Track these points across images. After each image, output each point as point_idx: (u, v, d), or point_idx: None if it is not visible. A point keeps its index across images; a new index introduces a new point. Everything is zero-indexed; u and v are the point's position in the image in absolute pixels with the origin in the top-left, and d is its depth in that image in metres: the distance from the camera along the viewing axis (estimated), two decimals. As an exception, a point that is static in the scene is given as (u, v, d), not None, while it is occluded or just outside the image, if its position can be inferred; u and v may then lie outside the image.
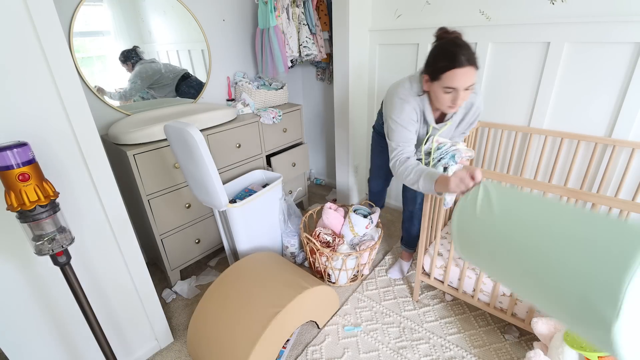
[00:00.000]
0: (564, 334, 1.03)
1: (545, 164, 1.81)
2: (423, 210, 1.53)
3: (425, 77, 1.24)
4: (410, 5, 1.99)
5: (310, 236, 1.82)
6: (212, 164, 1.42)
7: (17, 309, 1.10)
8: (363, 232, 1.88)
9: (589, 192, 1.10)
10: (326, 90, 2.72)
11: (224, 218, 1.73)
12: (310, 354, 1.50)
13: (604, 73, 1.52)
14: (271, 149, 2.23)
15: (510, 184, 1.17)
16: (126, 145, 1.60)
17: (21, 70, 0.96)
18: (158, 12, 1.88)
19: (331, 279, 1.90)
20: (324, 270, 1.87)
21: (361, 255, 1.79)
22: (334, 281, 1.89)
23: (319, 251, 1.80)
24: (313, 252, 1.86)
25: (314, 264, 1.93)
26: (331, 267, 1.82)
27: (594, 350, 0.93)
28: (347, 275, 1.85)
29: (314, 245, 1.79)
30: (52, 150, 1.06)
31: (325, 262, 1.82)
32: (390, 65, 2.21)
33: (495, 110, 1.88)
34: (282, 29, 2.12)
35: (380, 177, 1.91)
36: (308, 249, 1.89)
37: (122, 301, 1.38)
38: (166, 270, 1.85)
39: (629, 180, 1.60)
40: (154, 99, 1.97)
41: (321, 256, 1.81)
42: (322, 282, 1.52)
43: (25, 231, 0.91)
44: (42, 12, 0.95)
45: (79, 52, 1.63)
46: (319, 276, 1.94)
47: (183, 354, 1.53)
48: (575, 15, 1.50)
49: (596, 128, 1.61)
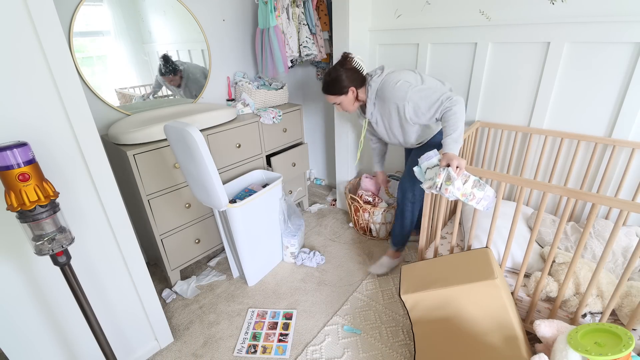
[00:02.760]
0: (567, 336, 1.02)
1: (545, 164, 1.81)
2: (423, 211, 1.53)
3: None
4: (410, 5, 1.99)
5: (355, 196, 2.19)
6: (212, 164, 1.42)
7: (17, 309, 1.10)
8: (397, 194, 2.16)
9: (589, 192, 1.10)
10: (326, 90, 2.72)
11: (224, 218, 1.73)
12: (310, 354, 1.50)
13: (604, 73, 1.52)
14: (271, 149, 2.23)
15: (510, 184, 1.17)
16: (126, 145, 1.60)
17: (21, 70, 0.96)
18: (158, 12, 1.88)
19: (372, 233, 2.24)
20: (366, 226, 2.22)
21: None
22: (374, 235, 2.23)
23: (362, 208, 2.13)
24: (357, 210, 2.19)
25: (357, 221, 2.27)
26: (373, 222, 2.15)
27: (599, 354, 0.92)
28: (386, 228, 2.20)
29: (357, 204, 2.14)
30: (52, 150, 1.06)
31: (367, 218, 2.16)
32: (390, 65, 2.21)
33: (495, 110, 1.88)
34: (282, 29, 2.12)
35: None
36: (352, 209, 2.23)
37: (122, 301, 1.38)
38: (166, 270, 1.86)
39: (629, 180, 1.60)
40: (153, 99, 1.97)
41: (364, 212, 2.15)
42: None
43: (25, 231, 0.91)
44: (42, 12, 0.95)
45: (79, 52, 1.63)
46: (362, 232, 2.31)
47: (183, 354, 1.53)
48: (575, 15, 1.50)
49: (596, 128, 1.61)
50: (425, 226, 1.56)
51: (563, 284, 1.24)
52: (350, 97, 1.58)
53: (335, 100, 1.60)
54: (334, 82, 1.55)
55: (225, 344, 1.57)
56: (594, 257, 1.44)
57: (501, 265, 1.38)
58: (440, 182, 1.25)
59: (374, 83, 1.56)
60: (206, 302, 1.82)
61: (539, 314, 1.35)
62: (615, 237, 1.06)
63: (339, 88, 1.55)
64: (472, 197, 1.26)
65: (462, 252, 1.40)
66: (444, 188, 1.25)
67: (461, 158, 1.27)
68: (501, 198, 1.29)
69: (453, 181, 1.23)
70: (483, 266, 1.25)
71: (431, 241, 1.73)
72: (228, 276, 2.00)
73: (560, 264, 1.35)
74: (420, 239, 1.61)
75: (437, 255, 1.60)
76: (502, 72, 1.79)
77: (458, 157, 1.26)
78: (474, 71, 1.87)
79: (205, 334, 1.63)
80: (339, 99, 1.59)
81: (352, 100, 1.60)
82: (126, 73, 1.84)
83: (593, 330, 1.01)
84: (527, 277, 1.44)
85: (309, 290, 1.87)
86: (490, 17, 1.73)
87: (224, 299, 1.83)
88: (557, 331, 1.13)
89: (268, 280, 1.96)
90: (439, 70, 2.01)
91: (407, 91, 1.48)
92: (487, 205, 1.28)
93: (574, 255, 1.18)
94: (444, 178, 1.25)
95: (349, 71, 1.55)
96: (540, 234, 1.56)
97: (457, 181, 1.23)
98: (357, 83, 1.57)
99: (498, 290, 1.17)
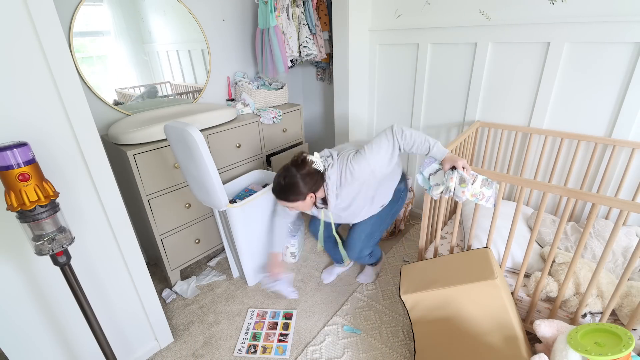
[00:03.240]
0: (567, 336, 1.02)
1: (545, 164, 1.81)
2: (423, 211, 1.53)
3: None
4: (410, 5, 1.99)
5: None
6: (212, 164, 1.42)
7: (17, 309, 1.10)
8: None
9: (589, 192, 1.10)
10: (326, 90, 2.73)
11: (224, 218, 1.73)
12: (310, 354, 1.50)
13: (604, 73, 1.52)
14: (271, 149, 2.23)
15: (510, 184, 1.17)
16: (126, 145, 1.60)
17: (21, 70, 0.96)
18: (158, 12, 1.88)
19: None
20: None
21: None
22: None
23: None
24: None
25: None
26: None
27: (599, 354, 0.92)
28: (387, 229, 2.14)
29: None
30: (52, 150, 1.06)
31: None
32: (390, 65, 2.21)
33: (495, 110, 1.88)
34: (282, 29, 2.12)
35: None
36: None
37: (122, 301, 1.38)
38: (166, 270, 1.85)
39: (629, 180, 1.60)
40: (154, 99, 1.97)
41: None
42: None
43: (25, 231, 0.91)
44: (42, 12, 0.95)
45: (79, 52, 1.63)
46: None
47: (183, 354, 1.53)
48: (575, 15, 1.50)
49: (596, 128, 1.61)
50: (425, 226, 1.56)
51: (563, 284, 1.24)
52: (308, 202, 1.39)
53: (290, 205, 1.39)
54: (289, 188, 1.34)
55: (225, 344, 1.57)
56: (594, 257, 1.44)
57: (501, 265, 1.38)
58: (453, 186, 1.24)
59: (333, 175, 1.38)
60: (206, 302, 1.82)
61: (539, 314, 1.35)
62: (615, 237, 1.06)
63: (295, 194, 1.35)
64: (482, 197, 1.25)
65: (462, 252, 1.40)
66: (459, 191, 1.23)
67: (461, 157, 1.26)
68: (501, 198, 1.29)
69: (468, 183, 1.22)
70: (483, 266, 1.25)
71: (431, 241, 1.73)
72: (228, 276, 2.00)
73: (560, 264, 1.35)
74: (420, 239, 1.61)
75: (437, 255, 1.60)
76: (502, 72, 1.79)
77: (459, 157, 1.26)
78: (474, 71, 1.87)
79: (205, 334, 1.63)
80: (295, 204, 1.38)
81: (309, 205, 1.41)
82: (126, 73, 1.84)
83: (593, 330, 1.01)
84: (527, 277, 1.44)
85: (309, 290, 1.87)
86: (490, 17, 1.73)
87: (224, 299, 1.83)
88: (557, 331, 1.13)
89: (268, 280, 1.96)
90: (439, 70, 2.01)
91: (363, 155, 1.36)
92: (493, 202, 1.28)
93: (574, 255, 1.18)
94: (456, 181, 1.23)
95: (306, 177, 1.33)
96: (540, 234, 1.56)
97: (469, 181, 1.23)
98: (316, 187, 1.37)
99: (498, 290, 1.17)
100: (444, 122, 2.12)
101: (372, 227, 1.59)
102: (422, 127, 2.22)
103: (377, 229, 1.60)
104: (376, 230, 1.60)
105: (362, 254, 1.57)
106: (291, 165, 1.36)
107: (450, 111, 2.06)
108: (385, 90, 2.31)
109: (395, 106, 2.30)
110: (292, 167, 1.35)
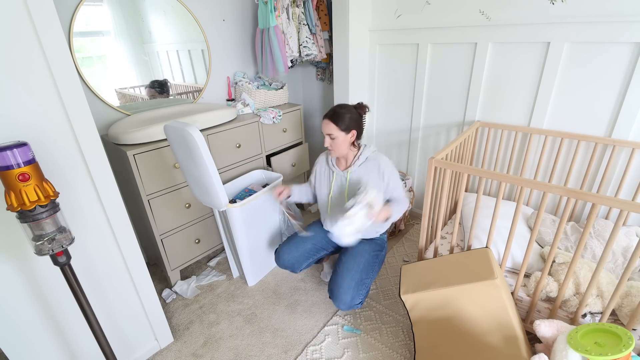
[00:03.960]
0: (567, 336, 1.02)
1: (545, 164, 1.81)
2: (423, 210, 1.53)
3: None
4: (410, 5, 1.99)
5: None
6: (212, 164, 1.42)
7: (17, 309, 1.10)
8: None
9: (589, 192, 1.10)
10: (326, 90, 2.72)
11: (224, 218, 1.73)
12: (310, 354, 1.50)
13: (604, 73, 1.52)
14: (271, 149, 2.23)
15: (510, 184, 1.17)
16: (126, 145, 1.60)
17: (21, 70, 0.96)
18: (158, 12, 1.88)
19: None
20: None
21: None
22: None
23: None
24: None
25: None
26: None
27: (599, 354, 0.92)
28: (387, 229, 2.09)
29: None
30: (52, 150, 1.06)
31: None
32: (390, 65, 2.21)
33: (495, 110, 1.88)
34: (282, 29, 2.12)
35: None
36: None
37: (122, 301, 1.38)
38: (166, 270, 1.85)
39: (629, 180, 1.60)
40: (153, 99, 1.97)
41: None
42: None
43: (25, 231, 0.91)
44: (42, 12, 0.95)
45: (79, 52, 1.63)
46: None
47: (183, 354, 1.53)
48: (575, 15, 1.50)
49: (596, 128, 1.61)
50: (425, 226, 1.56)
51: (563, 284, 1.24)
52: (348, 139, 1.49)
53: (333, 133, 1.47)
54: (343, 115, 1.46)
55: (225, 343, 1.57)
56: (594, 257, 1.44)
57: (501, 265, 1.38)
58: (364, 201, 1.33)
59: (367, 151, 1.55)
60: (206, 302, 1.82)
61: (539, 314, 1.35)
62: (615, 237, 1.06)
63: (345, 122, 1.46)
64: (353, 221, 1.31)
65: (462, 252, 1.40)
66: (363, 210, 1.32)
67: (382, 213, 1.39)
68: (501, 198, 1.29)
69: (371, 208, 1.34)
70: (483, 266, 1.25)
71: (431, 241, 1.73)
72: (228, 276, 2.00)
73: (560, 264, 1.35)
74: (420, 239, 1.61)
75: (437, 255, 1.60)
76: (502, 72, 1.79)
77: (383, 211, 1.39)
78: (474, 71, 1.87)
79: (205, 334, 1.63)
80: (338, 134, 1.47)
81: (347, 143, 1.51)
82: (126, 73, 1.84)
83: (593, 330, 1.01)
84: (527, 277, 1.44)
85: (309, 290, 1.87)
86: (490, 17, 1.73)
87: (224, 299, 1.83)
88: (557, 331, 1.13)
89: (268, 280, 1.96)
90: (439, 70, 2.01)
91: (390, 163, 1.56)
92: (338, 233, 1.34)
93: (574, 255, 1.17)
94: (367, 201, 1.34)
95: (358, 117, 1.50)
96: (540, 234, 1.56)
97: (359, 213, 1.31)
98: (358, 131, 1.52)
99: (498, 290, 1.17)
100: (444, 122, 2.12)
101: (361, 274, 1.53)
102: (422, 127, 2.22)
103: (366, 275, 1.55)
104: (365, 277, 1.55)
105: (354, 302, 1.50)
106: (351, 105, 1.52)
107: (450, 111, 2.06)
108: (385, 90, 2.31)
109: (396, 106, 2.30)
110: (351, 105, 1.52)
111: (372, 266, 1.58)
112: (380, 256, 1.64)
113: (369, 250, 1.60)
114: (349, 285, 1.49)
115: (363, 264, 1.54)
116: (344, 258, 1.58)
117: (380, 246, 1.65)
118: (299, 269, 1.68)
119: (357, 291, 1.50)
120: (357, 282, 1.50)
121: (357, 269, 1.52)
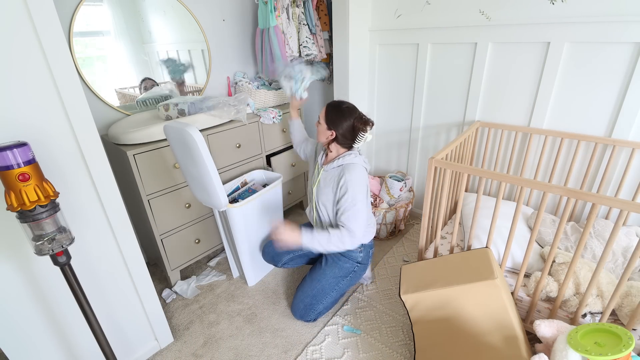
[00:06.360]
0: (567, 336, 1.02)
1: (545, 164, 1.81)
2: (423, 210, 1.52)
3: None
4: (410, 5, 1.99)
5: None
6: (212, 164, 1.42)
7: (17, 309, 1.10)
8: (398, 194, 2.23)
9: (589, 192, 1.10)
10: (326, 90, 2.72)
11: (224, 218, 1.73)
12: (310, 354, 1.50)
13: (604, 73, 1.52)
14: (271, 149, 2.23)
15: (510, 184, 1.17)
16: (126, 145, 1.60)
17: (21, 70, 0.96)
18: (158, 12, 1.88)
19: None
20: None
21: (398, 211, 2.14)
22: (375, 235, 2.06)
23: None
24: None
25: None
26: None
27: (599, 354, 0.92)
28: (387, 229, 2.20)
29: None
30: (52, 150, 1.06)
31: None
32: (390, 65, 2.21)
33: (495, 110, 1.88)
34: (282, 29, 2.12)
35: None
36: None
37: (122, 301, 1.38)
38: (166, 270, 1.85)
39: (629, 180, 1.60)
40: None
41: None
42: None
43: (25, 231, 0.91)
44: (42, 12, 0.95)
45: (79, 52, 1.63)
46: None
47: (183, 354, 1.53)
48: (575, 15, 1.50)
49: (596, 128, 1.61)
50: (425, 226, 1.56)
51: (563, 284, 1.24)
52: (326, 134, 1.47)
53: (320, 119, 1.49)
54: (337, 112, 1.45)
55: (225, 343, 1.57)
56: (594, 257, 1.44)
57: (501, 265, 1.38)
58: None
59: (347, 159, 1.47)
60: (206, 302, 1.82)
61: (539, 314, 1.35)
62: (615, 237, 1.06)
63: (332, 119, 1.45)
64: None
65: (462, 252, 1.40)
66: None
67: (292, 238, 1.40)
68: (501, 198, 1.29)
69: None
70: (483, 266, 1.25)
71: (431, 241, 1.73)
72: (228, 276, 2.00)
73: (560, 264, 1.35)
74: (420, 239, 1.61)
75: (437, 255, 1.60)
76: (502, 72, 1.79)
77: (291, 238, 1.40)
78: (474, 71, 1.87)
79: (205, 334, 1.63)
80: (322, 122, 1.48)
81: (324, 136, 1.49)
82: (126, 73, 1.84)
83: (593, 330, 1.01)
84: (527, 277, 1.44)
85: (309, 290, 1.86)
86: (490, 17, 1.73)
87: (224, 299, 1.83)
88: (557, 331, 1.13)
89: (268, 280, 1.96)
90: (439, 70, 2.01)
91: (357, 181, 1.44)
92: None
93: (574, 255, 1.18)
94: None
95: (350, 127, 1.44)
96: (540, 234, 1.56)
97: None
98: (343, 138, 1.46)
99: (498, 290, 1.17)
100: (444, 122, 2.12)
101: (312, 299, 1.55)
102: (422, 127, 2.22)
103: (316, 301, 1.58)
104: (315, 302, 1.58)
105: (304, 318, 1.57)
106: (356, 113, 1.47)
107: (450, 111, 2.06)
108: (385, 90, 2.31)
109: (395, 106, 2.30)
110: (358, 110, 1.48)
111: (327, 292, 1.59)
112: (342, 283, 1.60)
113: (331, 275, 1.59)
114: (297, 306, 1.64)
115: (317, 290, 1.59)
116: (307, 276, 1.68)
117: (346, 271, 1.60)
118: (280, 262, 1.76)
119: (305, 312, 1.61)
120: (306, 305, 1.61)
121: (310, 294, 1.60)
